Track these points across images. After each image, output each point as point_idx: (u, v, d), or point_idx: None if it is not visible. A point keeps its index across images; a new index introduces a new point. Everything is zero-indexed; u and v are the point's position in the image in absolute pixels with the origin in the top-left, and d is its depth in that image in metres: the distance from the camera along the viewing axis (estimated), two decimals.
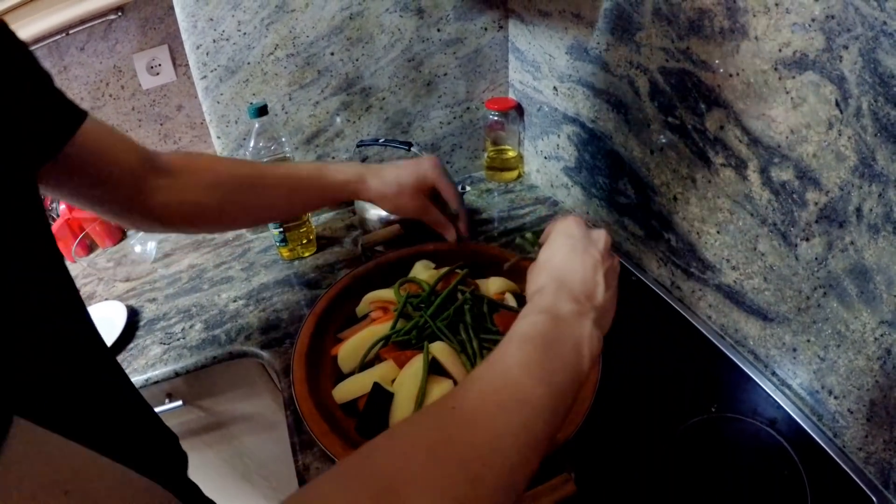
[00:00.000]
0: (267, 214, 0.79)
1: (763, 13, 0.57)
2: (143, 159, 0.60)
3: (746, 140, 0.64)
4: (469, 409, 0.37)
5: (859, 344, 0.59)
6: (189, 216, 0.67)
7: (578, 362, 0.43)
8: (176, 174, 0.63)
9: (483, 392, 0.39)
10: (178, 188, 0.63)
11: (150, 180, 0.61)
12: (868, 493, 0.58)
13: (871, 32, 0.48)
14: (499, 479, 0.35)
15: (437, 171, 0.76)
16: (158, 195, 0.62)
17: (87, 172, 0.54)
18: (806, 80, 0.55)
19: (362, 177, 0.74)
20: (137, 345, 0.90)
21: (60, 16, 1.04)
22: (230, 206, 0.69)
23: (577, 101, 0.95)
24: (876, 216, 0.53)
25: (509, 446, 0.36)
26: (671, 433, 0.66)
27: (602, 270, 0.51)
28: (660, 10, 0.69)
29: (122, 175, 0.58)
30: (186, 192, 0.64)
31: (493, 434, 0.36)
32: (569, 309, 0.46)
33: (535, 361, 0.41)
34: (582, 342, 0.44)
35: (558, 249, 0.53)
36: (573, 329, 0.45)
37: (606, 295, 0.50)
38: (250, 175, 0.70)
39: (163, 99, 1.22)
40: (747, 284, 0.71)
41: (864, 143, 0.51)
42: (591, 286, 0.49)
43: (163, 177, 0.62)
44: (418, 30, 1.04)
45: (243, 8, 0.91)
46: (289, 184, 0.72)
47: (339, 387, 0.66)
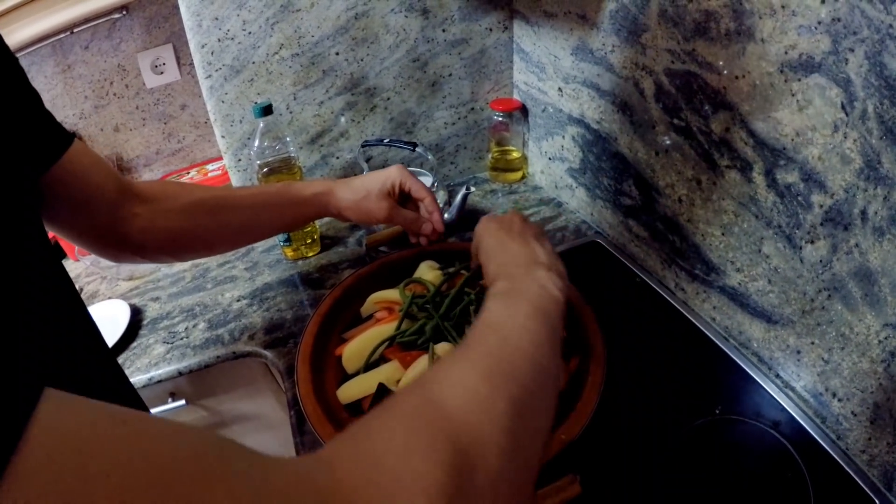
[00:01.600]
0: (243, 235, 0.79)
1: (769, 15, 0.57)
2: (120, 188, 0.61)
3: (752, 142, 0.64)
4: (499, 334, 0.43)
5: (863, 346, 0.59)
6: (166, 242, 0.67)
7: (549, 295, 0.49)
8: (151, 200, 0.64)
9: (501, 329, 0.44)
10: (155, 214, 0.64)
11: (127, 207, 0.62)
12: (871, 495, 0.58)
13: (877, 35, 0.48)
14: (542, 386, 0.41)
15: (403, 173, 0.77)
16: (136, 222, 0.63)
17: (68, 197, 0.54)
18: (812, 82, 0.55)
19: (330, 188, 0.76)
20: (140, 344, 0.90)
21: (65, 14, 1.05)
22: (205, 229, 0.70)
23: (581, 102, 0.95)
24: (881, 219, 0.53)
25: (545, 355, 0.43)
26: (675, 435, 0.66)
27: (530, 238, 0.58)
28: (665, 12, 0.69)
29: (100, 201, 0.58)
30: (162, 217, 0.65)
31: (529, 352, 0.42)
32: (519, 273, 0.53)
33: (517, 310, 0.46)
34: (543, 283, 0.51)
35: (489, 248, 0.59)
36: (530, 280, 0.51)
37: (545, 250, 0.58)
38: (222, 196, 0.71)
39: (167, 98, 1.23)
40: (752, 286, 0.71)
41: (869, 146, 0.51)
42: (529, 252, 0.56)
43: (139, 204, 0.63)
44: (423, 30, 1.04)
45: (248, 7, 0.91)
46: (259, 201, 0.73)
47: (343, 387, 0.66)
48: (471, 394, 0.35)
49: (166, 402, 0.91)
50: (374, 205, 0.76)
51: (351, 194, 0.75)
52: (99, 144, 1.23)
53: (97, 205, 0.58)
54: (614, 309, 0.84)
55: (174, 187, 0.70)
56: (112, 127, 1.23)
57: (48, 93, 1.15)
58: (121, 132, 1.24)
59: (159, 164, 1.29)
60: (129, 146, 1.26)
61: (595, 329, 0.68)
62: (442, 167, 1.22)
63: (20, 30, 1.02)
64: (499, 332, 0.43)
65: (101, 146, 1.24)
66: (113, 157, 1.24)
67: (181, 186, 0.72)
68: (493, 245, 0.59)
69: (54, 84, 1.15)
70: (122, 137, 1.24)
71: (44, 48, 1.11)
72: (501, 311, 0.47)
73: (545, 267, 0.53)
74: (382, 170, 0.78)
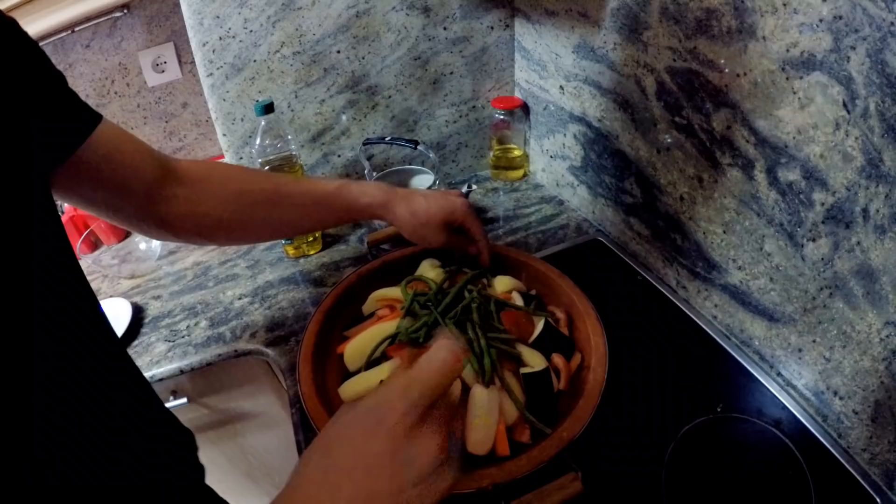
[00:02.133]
0: (284, 230, 0.78)
1: (771, 13, 0.57)
2: (159, 167, 0.59)
3: (753, 140, 0.64)
4: None
5: (865, 345, 0.59)
6: (205, 228, 0.65)
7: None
8: (193, 184, 0.62)
9: None
10: (196, 199, 0.62)
11: (166, 189, 0.59)
12: (872, 494, 0.59)
13: (878, 33, 0.48)
14: None
15: (467, 209, 0.74)
16: (174, 205, 0.60)
17: (100, 178, 0.53)
18: (813, 80, 0.55)
19: (388, 202, 0.72)
20: (142, 342, 0.90)
21: (66, 13, 1.04)
22: (248, 221, 0.67)
23: (583, 100, 0.95)
24: (883, 217, 0.53)
25: None
26: (676, 433, 0.66)
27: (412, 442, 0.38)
28: (667, 10, 0.69)
29: (136, 182, 0.57)
30: (203, 203, 0.63)
31: None
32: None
33: None
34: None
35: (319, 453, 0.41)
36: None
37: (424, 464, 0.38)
38: (271, 190, 0.68)
39: (168, 96, 1.23)
40: (753, 284, 0.71)
41: (871, 144, 0.52)
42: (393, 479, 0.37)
43: (179, 186, 0.61)
44: (424, 28, 1.04)
45: (250, 5, 0.91)
46: (310, 201, 0.70)
47: (345, 385, 0.66)
48: None
49: (168, 400, 0.91)
50: (433, 233, 0.73)
51: (411, 216, 0.72)
52: None
53: (133, 185, 0.56)
54: (616, 307, 0.83)
55: (221, 172, 0.67)
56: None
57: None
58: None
59: None
60: None
61: (597, 327, 0.68)
62: (443, 165, 1.22)
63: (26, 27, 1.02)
64: None
65: None
66: None
67: (226, 171, 0.69)
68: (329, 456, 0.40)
69: None
70: None
71: (45, 47, 1.10)
72: None
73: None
74: (446, 196, 0.74)
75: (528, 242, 1.01)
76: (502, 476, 0.54)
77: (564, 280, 0.76)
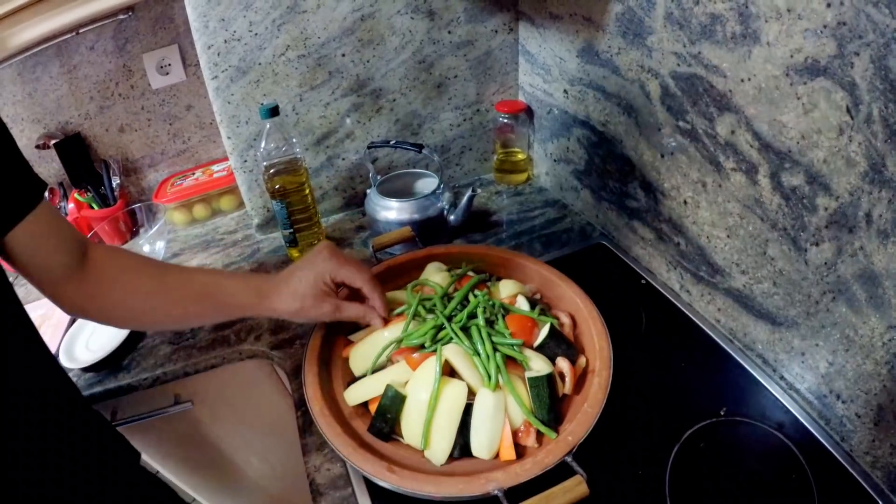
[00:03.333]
0: (179, 324, 0.80)
1: (775, 19, 0.57)
2: (78, 252, 0.60)
3: (757, 145, 0.64)
4: None
5: (868, 349, 0.59)
6: (111, 316, 0.66)
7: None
8: (102, 275, 0.62)
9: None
10: (103, 290, 0.63)
11: (79, 276, 0.61)
12: (875, 496, 0.59)
13: (882, 39, 0.48)
14: None
15: (332, 264, 0.69)
16: (85, 292, 0.62)
17: (23, 255, 0.54)
18: (817, 85, 0.55)
19: (262, 297, 0.68)
20: (146, 344, 0.90)
21: (70, 15, 1.04)
22: (147, 314, 0.67)
23: (587, 104, 0.95)
24: (885, 222, 0.53)
25: None
26: (680, 436, 0.66)
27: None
28: (672, 15, 0.70)
29: (55, 266, 0.58)
30: (109, 295, 0.63)
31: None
32: None
33: None
34: None
35: None
36: None
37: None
38: (168, 287, 0.67)
39: (172, 99, 1.23)
40: (756, 289, 0.72)
41: (874, 150, 0.52)
42: None
43: (91, 275, 0.61)
44: (429, 32, 1.05)
45: (255, 8, 0.92)
46: (192, 299, 0.68)
47: (350, 389, 0.66)
48: None
49: (172, 404, 0.92)
50: (315, 311, 0.68)
51: (287, 304, 0.68)
52: (104, 145, 1.24)
53: (51, 267, 0.58)
54: (620, 311, 0.84)
55: (127, 264, 0.66)
56: (117, 127, 1.23)
57: (53, 94, 1.16)
58: (126, 133, 1.24)
59: (164, 164, 1.30)
60: (134, 147, 1.26)
61: (601, 331, 0.69)
62: (447, 168, 1.23)
63: (26, 30, 1.02)
64: None
65: (106, 147, 1.24)
66: (118, 158, 1.25)
67: (135, 265, 0.67)
68: None
69: (59, 85, 1.15)
70: (127, 138, 1.25)
71: (49, 49, 1.11)
72: None
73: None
74: (311, 261, 0.70)
75: (531, 246, 1.02)
76: (508, 479, 0.54)
77: (568, 284, 0.77)
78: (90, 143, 1.23)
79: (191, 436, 1.03)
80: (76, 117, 1.20)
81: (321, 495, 0.65)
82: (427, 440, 0.59)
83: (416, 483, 0.55)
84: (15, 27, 0.99)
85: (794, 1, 0.54)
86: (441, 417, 0.59)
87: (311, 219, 0.99)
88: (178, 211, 1.21)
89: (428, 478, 0.56)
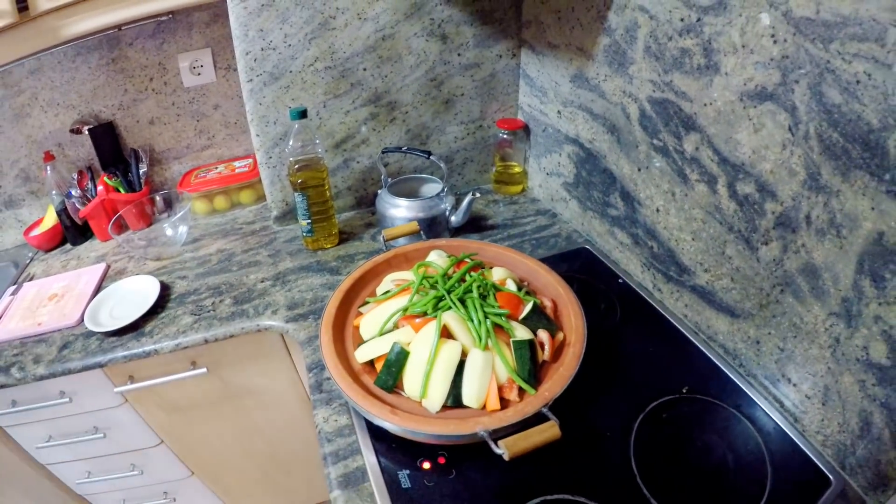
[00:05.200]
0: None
1: (732, 53, 0.68)
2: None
3: (717, 159, 0.75)
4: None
5: (812, 334, 0.67)
6: None
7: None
8: None
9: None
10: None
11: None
12: (827, 473, 0.66)
13: (817, 69, 0.58)
14: None
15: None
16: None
17: None
18: (765, 108, 0.66)
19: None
20: (169, 314, 0.99)
21: (120, 13, 1.09)
22: None
23: (577, 123, 1.07)
24: (822, 222, 0.62)
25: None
26: (645, 407, 0.75)
27: None
28: (650, 48, 0.82)
29: None
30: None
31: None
32: None
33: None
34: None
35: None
36: None
37: None
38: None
39: (201, 97, 1.32)
40: (717, 285, 0.81)
41: (811, 161, 0.62)
42: None
43: None
44: (441, 53, 1.17)
45: (290, 22, 1.04)
46: None
47: (361, 348, 0.75)
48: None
49: (188, 369, 1.00)
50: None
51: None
52: (133, 135, 1.32)
53: None
54: (597, 306, 0.94)
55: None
56: (147, 120, 1.32)
57: (91, 83, 1.23)
58: (155, 125, 1.33)
59: (189, 157, 1.39)
60: (162, 139, 1.35)
61: (578, 312, 0.78)
62: (450, 177, 1.33)
63: (78, 23, 1.07)
64: None
65: (135, 136, 1.33)
66: (146, 148, 1.33)
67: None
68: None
69: (97, 75, 1.23)
70: (155, 130, 1.33)
71: (91, 40, 1.18)
72: None
73: None
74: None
75: (522, 248, 1.12)
76: (493, 423, 0.63)
77: (552, 275, 0.86)
78: (120, 132, 1.31)
79: (202, 404, 1.10)
80: (110, 107, 1.28)
81: (329, 442, 0.73)
82: (425, 390, 0.68)
83: (415, 424, 0.64)
84: (68, 18, 1.04)
85: (747, 38, 0.65)
86: (438, 371, 0.68)
87: (327, 212, 1.09)
88: (200, 201, 1.30)
89: (425, 419, 0.65)
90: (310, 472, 1.31)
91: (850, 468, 0.66)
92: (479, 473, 0.68)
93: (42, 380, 0.93)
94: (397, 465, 0.69)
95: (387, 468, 0.69)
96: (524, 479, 0.67)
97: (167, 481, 1.26)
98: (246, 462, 1.25)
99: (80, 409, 1.04)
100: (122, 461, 1.17)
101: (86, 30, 1.07)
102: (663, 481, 0.66)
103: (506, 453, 0.59)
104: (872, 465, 0.63)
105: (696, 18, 0.72)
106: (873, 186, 0.56)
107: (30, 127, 1.25)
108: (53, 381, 0.96)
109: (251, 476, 1.30)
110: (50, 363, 0.92)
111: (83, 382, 0.98)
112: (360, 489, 0.68)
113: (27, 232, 1.29)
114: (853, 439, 0.65)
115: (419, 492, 0.66)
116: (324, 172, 1.05)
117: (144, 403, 1.06)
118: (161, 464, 1.20)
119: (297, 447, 1.24)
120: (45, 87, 1.22)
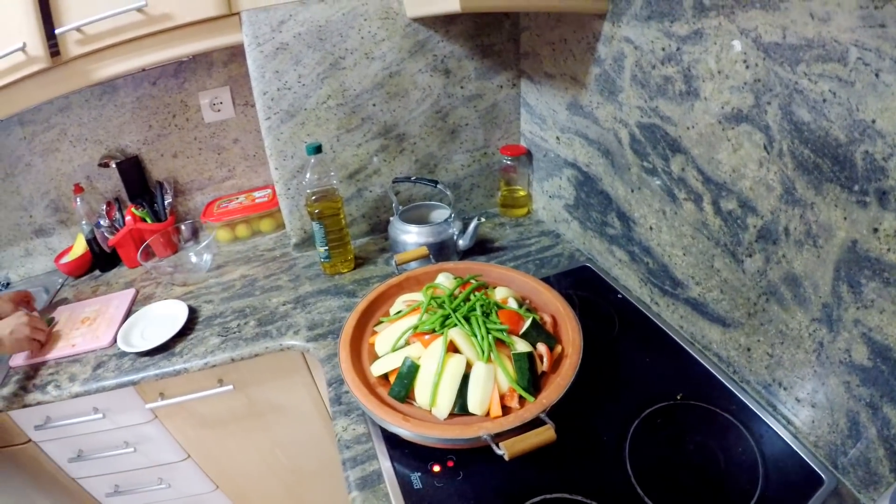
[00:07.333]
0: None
1: (710, 79, 0.73)
2: None
3: (701, 178, 0.80)
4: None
5: (798, 340, 0.71)
6: None
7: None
8: None
9: None
10: None
11: None
12: (819, 473, 0.69)
13: (787, 91, 0.62)
14: None
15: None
16: None
17: None
18: (742, 129, 0.70)
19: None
20: (197, 336, 1.06)
21: (148, 58, 1.11)
22: None
23: (574, 148, 1.12)
24: (800, 233, 0.66)
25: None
26: (640, 413, 0.79)
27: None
28: (636, 77, 0.88)
29: None
30: None
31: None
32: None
33: None
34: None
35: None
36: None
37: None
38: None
39: (222, 132, 1.40)
40: (709, 296, 0.85)
41: (786, 177, 0.66)
42: None
43: None
44: (445, 87, 1.24)
45: (304, 64, 1.12)
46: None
47: (376, 363, 0.81)
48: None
49: (215, 386, 1.06)
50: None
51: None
52: (157, 167, 1.40)
53: None
54: (597, 319, 0.99)
55: None
56: (171, 153, 1.39)
57: (117, 119, 1.31)
58: (178, 158, 1.41)
59: (210, 188, 1.47)
60: (185, 171, 1.43)
61: (575, 326, 0.83)
62: (458, 202, 1.40)
63: (108, 67, 1.09)
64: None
65: (160, 169, 1.40)
66: (171, 179, 1.41)
67: None
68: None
69: (123, 112, 1.31)
70: (179, 163, 1.41)
71: (118, 80, 1.25)
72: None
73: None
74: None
75: (526, 267, 1.17)
76: (495, 427, 0.68)
77: (552, 292, 0.92)
78: (146, 165, 1.39)
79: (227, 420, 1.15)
80: (135, 142, 1.36)
81: (347, 448, 0.79)
82: (434, 400, 0.73)
83: (425, 429, 0.70)
84: (98, 63, 1.08)
85: (722, 65, 0.70)
86: (445, 382, 0.73)
87: (343, 239, 1.16)
88: (222, 229, 1.38)
89: (434, 425, 0.71)
90: (331, 486, 1.35)
91: (843, 467, 0.68)
92: (485, 475, 0.73)
93: (77, 397, 0.99)
94: (410, 468, 0.74)
95: (400, 471, 0.74)
96: (526, 481, 0.72)
97: (193, 494, 1.31)
98: (269, 476, 1.30)
99: (112, 425, 1.10)
100: (150, 475, 1.22)
101: (114, 73, 1.09)
102: (657, 481, 0.70)
103: (506, 453, 0.64)
104: (863, 463, 0.65)
105: (676, 48, 0.77)
106: (844, 198, 0.59)
107: (59, 161, 1.32)
108: (87, 398, 1.01)
109: (274, 490, 1.35)
110: (85, 381, 0.99)
111: (116, 400, 1.05)
112: (376, 490, 0.73)
113: (58, 259, 1.37)
114: (843, 439, 0.67)
115: (430, 492, 0.71)
116: (339, 202, 1.12)
117: (173, 419, 1.12)
118: (187, 478, 1.25)
119: (319, 462, 1.29)
120: (73, 124, 1.30)
